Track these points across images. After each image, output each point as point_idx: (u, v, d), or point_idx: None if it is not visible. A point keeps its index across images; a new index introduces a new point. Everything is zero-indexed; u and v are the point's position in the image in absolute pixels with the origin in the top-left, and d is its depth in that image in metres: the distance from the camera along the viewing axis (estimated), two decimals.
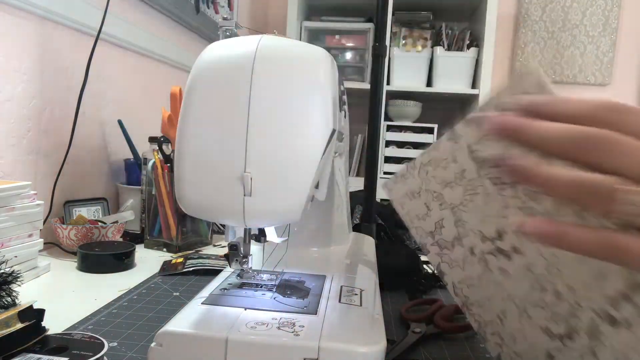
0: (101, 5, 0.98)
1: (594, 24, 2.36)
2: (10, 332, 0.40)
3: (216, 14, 1.63)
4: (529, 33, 2.39)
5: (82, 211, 0.93)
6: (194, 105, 0.41)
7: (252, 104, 0.39)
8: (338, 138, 0.47)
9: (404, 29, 2.16)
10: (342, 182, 0.64)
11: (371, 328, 0.41)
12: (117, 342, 0.48)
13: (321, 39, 2.21)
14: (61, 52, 0.94)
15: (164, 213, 0.88)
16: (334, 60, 0.45)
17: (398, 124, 2.17)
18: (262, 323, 0.40)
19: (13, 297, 0.54)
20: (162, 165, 0.88)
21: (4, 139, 0.81)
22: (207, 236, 0.94)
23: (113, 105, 1.13)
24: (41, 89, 0.89)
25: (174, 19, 1.42)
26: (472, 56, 2.08)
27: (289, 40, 0.43)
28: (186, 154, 0.41)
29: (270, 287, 0.49)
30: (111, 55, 1.11)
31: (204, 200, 0.41)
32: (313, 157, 0.40)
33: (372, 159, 0.87)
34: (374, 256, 0.67)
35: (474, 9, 2.24)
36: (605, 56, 2.37)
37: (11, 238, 0.66)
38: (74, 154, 0.98)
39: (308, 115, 0.40)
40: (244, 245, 0.47)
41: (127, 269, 0.76)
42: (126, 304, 0.60)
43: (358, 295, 0.48)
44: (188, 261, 0.76)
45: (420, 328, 0.54)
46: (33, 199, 0.70)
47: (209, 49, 0.43)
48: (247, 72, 0.40)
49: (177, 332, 0.38)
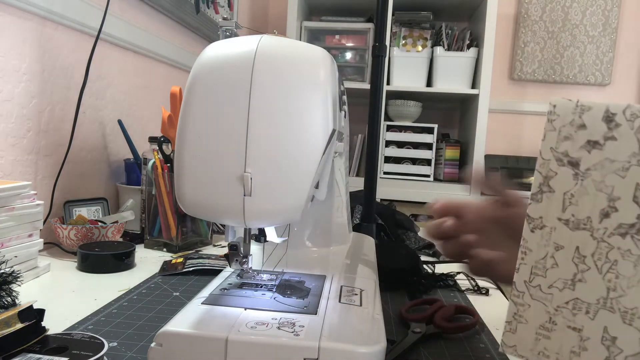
0: (101, 5, 0.98)
1: (594, 24, 2.36)
2: (10, 332, 0.40)
3: (216, 14, 1.63)
4: (529, 33, 2.39)
5: (82, 211, 0.93)
6: (194, 105, 0.41)
7: (252, 104, 0.39)
8: (338, 138, 0.47)
9: (404, 29, 2.16)
10: (342, 182, 0.64)
11: (371, 328, 0.41)
12: (117, 342, 0.48)
13: (321, 39, 2.21)
14: (61, 52, 0.94)
15: (164, 213, 0.88)
16: (334, 60, 0.45)
17: (398, 124, 2.17)
18: (262, 323, 0.40)
19: (13, 297, 0.55)
20: (162, 165, 0.88)
21: (4, 139, 0.81)
22: (207, 236, 0.94)
23: (113, 105, 1.13)
24: (41, 89, 0.89)
25: (174, 19, 1.42)
26: (472, 56, 2.08)
27: (289, 40, 0.43)
28: (186, 154, 0.41)
29: (270, 287, 0.49)
30: (111, 55, 1.11)
31: (204, 200, 0.41)
32: (313, 157, 0.40)
33: (372, 159, 0.87)
34: (374, 256, 0.67)
35: (474, 9, 2.24)
36: (605, 56, 2.37)
37: (11, 238, 0.66)
38: (74, 154, 0.98)
39: (308, 115, 0.40)
40: (244, 245, 0.47)
41: (127, 269, 0.76)
42: (126, 304, 0.60)
43: (358, 295, 0.48)
44: (188, 261, 0.76)
45: (420, 328, 0.54)
46: (33, 199, 0.70)
47: (209, 49, 0.43)
48: (247, 72, 0.40)
49: (177, 332, 0.38)
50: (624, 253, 0.30)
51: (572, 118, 0.34)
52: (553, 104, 0.35)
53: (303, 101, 0.40)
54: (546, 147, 0.35)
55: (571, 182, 0.33)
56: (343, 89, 0.57)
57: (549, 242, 0.34)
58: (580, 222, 0.33)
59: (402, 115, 2.22)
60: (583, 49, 2.37)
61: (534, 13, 2.38)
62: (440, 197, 2.03)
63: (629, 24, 2.37)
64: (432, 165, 2.14)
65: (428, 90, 2.12)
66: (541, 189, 0.35)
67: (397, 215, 1.03)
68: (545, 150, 0.35)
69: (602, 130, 0.32)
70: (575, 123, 0.34)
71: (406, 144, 2.17)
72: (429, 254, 0.93)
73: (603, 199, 0.32)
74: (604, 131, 0.32)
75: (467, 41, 2.11)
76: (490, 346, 0.52)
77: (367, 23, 2.18)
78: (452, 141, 2.24)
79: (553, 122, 0.35)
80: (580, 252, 0.32)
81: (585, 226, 0.32)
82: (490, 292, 0.71)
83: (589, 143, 0.33)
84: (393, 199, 2.04)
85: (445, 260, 0.87)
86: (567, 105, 0.34)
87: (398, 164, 2.16)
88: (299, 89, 0.40)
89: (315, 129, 0.40)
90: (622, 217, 0.30)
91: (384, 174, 2.15)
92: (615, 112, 0.32)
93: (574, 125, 0.34)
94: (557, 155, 0.34)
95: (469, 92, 2.08)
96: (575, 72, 2.38)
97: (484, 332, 0.56)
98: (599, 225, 0.32)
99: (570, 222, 0.33)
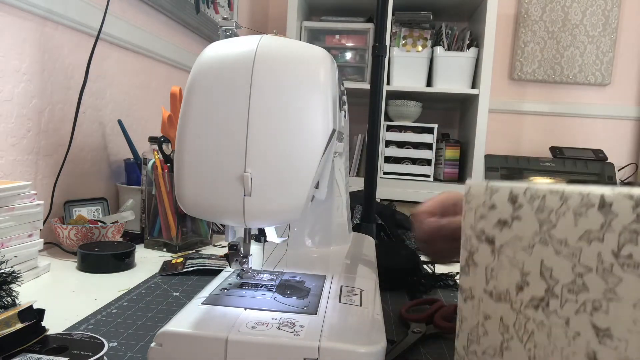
0: (101, 5, 0.98)
1: (594, 24, 2.36)
2: (10, 332, 0.40)
3: (216, 14, 1.63)
4: (529, 33, 2.39)
5: (82, 211, 0.93)
6: (194, 105, 0.41)
7: (252, 104, 0.39)
8: (338, 138, 0.47)
9: (404, 29, 2.16)
10: (342, 182, 0.64)
11: (371, 328, 0.41)
12: (117, 342, 0.48)
13: (321, 39, 2.21)
14: (61, 52, 0.94)
15: (164, 213, 0.88)
16: (334, 60, 0.45)
17: (398, 124, 2.17)
18: (262, 323, 0.40)
19: (13, 297, 0.55)
20: (162, 165, 0.88)
21: (4, 139, 0.81)
22: (207, 236, 0.94)
23: (113, 105, 1.13)
24: (41, 89, 0.89)
25: (174, 19, 1.42)
26: (472, 56, 2.08)
27: (289, 40, 0.43)
28: (186, 154, 0.41)
29: (270, 287, 0.49)
30: (111, 55, 1.11)
31: (204, 200, 0.41)
32: (313, 157, 0.40)
33: (372, 159, 0.87)
34: (374, 256, 0.67)
35: (474, 9, 2.24)
36: (605, 56, 2.37)
37: (11, 238, 0.66)
38: (74, 154, 0.98)
39: (308, 115, 0.40)
40: (244, 245, 0.47)
41: (127, 269, 0.76)
42: (126, 304, 0.60)
43: (358, 295, 0.48)
44: (188, 261, 0.76)
45: (420, 328, 0.54)
46: (33, 199, 0.70)
47: (209, 49, 0.43)
48: (247, 72, 0.40)
49: (177, 332, 0.38)
50: (538, 324, 0.31)
51: (484, 199, 0.36)
52: (468, 185, 0.38)
53: (303, 101, 0.40)
54: (467, 225, 0.38)
55: (490, 257, 0.36)
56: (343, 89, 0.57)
57: (479, 312, 0.36)
58: (501, 294, 0.34)
59: (402, 115, 2.22)
60: (583, 49, 2.37)
61: (534, 13, 2.38)
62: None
63: (629, 24, 2.37)
64: (432, 165, 2.14)
65: (428, 90, 2.12)
66: (467, 263, 0.38)
67: (397, 215, 1.03)
68: (466, 228, 0.38)
69: (509, 210, 0.34)
70: (487, 204, 0.36)
71: (406, 144, 2.17)
72: None
73: (517, 273, 0.33)
74: (510, 211, 0.34)
75: (467, 41, 2.11)
76: None
77: (367, 23, 2.18)
78: (452, 141, 2.24)
79: (469, 202, 0.38)
80: (504, 322, 0.34)
81: (505, 298, 0.34)
82: None
83: (499, 222, 0.35)
84: (393, 199, 2.04)
85: None
86: (480, 188, 0.37)
87: (398, 164, 2.16)
88: (299, 89, 0.40)
89: (315, 129, 0.40)
90: (533, 290, 0.32)
91: (384, 174, 2.15)
92: (517, 193, 0.34)
93: (486, 205, 0.36)
94: (477, 232, 0.37)
95: (469, 92, 2.08)
96: (575, 72, 2.38)
97: None
98: (515, 297, 0.33)
99: (494, 294, 0.35)
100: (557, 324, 0.30)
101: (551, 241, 0.30)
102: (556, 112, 2.43)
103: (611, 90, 2.41)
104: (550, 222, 0.31)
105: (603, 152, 2.18)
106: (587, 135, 2.43)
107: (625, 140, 2.43)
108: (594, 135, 2.43)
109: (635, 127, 2.42)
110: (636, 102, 2.41)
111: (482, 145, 2.07)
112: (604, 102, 2.42)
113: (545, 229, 0.31)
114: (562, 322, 0.29)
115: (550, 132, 2.45)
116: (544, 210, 0.31)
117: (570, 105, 2.42)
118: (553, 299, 0.30)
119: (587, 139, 2.43)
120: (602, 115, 2.41)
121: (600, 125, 2.43)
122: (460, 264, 0.39)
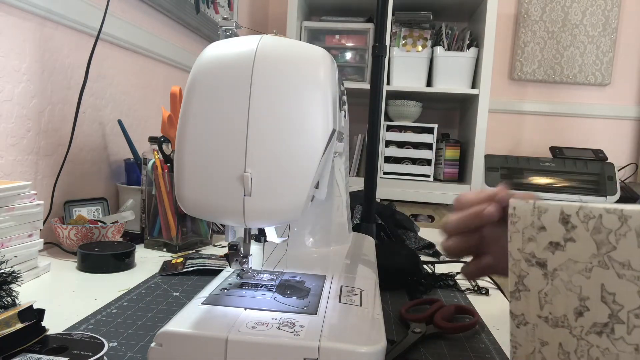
0: (101, 5, 0.98)
1: (594, 24, 2.36)
2: (10, 332, 0.40)
3: (216, 14, 1.63)
4: (529, 33, 2.39)
5: (82, 211, 0.93)
6: (194, 105, 0.41)
7: (252, 103, 0.39)
8: (338, 138, 0.47)
9: (404, 29, 2.16)
10: (342, 182, 0.64)
11: (371, 328, 0.41)
12: (117, 342, 0.48)
13: (321, 39, 2.21)
14: (61, 52, 0.94)
15: (164, 213, 0.88)
16: (333, 60, 0.45)
17: (398, 124, 2.17)
18: (262, 323, 0.40)
19: (13, 297, 0.55)
20: (162, 165, 0.88)
21: (4, 139, 0.81)
22: (207, 236, 0.94)
23: (113, 105, 1.13)
24: (41, 89, 0.89)
25: (174, 19, 1.42)
26: (472, 56, 2.08)
27: (289, 40, 0.43)
28: (186, 154, 0.41)
29: (270, 287, 0.49)
30: (111, 55, 1.11)
31: (204, 200, 0.41)
32: (313, 157, 0.40)
33: (372, 159, 0.87)
34: (374, 256, 0.67)
35: (474, 9, 2.24)
36: (605, 56, 2.37)
37: (11, 238, 0.66)
38: (74, 154, 0.98)
39: (308, 115, 0.40)
40: (244, 245, 0.47)
41: (127, 269, 0.76)
42: (126, 304, 0.60)
43: (358, 295, 0.48)
44: (188, 261, 0.76)
45: (420, 328, 0.54)
46: (33, 199, 0.70)
47: (209, 49, 0.43)
48: (247, 72, 0.40)
49: (177, 332, 0.38)
50: (604, 351, 0.30)
51: (531, 220, 0.35)
52: (513, 206, 0.36)
53: (303, 101, 0.40)
54: (514, 248, 0.36)
55: (542, 281, 0.34)
56: (343, 89, 0.57)
57: (534, 338, 0.35)
58: (558, 320, 0.33)
59: (402, 115, 2.22)
60: (583, 49, 2.37)
61: (534, 13, 2.38)
62: (440, 197, 2.03)
63: (629, 24, 2.37)
64: (432, 165, 2.14)
65: (428, 90, 2.12)
66: (517, 288, 0.36)
67: (397, 215, 1.03)
68: (513, 251, 0.36)
69: (561, 232, 0.33)
70: (536, 225, 0.34)
71: (406, 144, 2.17)
72: (429, 254, 0.93)
73: (574, 298, 0.32)
74: (563, 233, 0.32)
75: (467, 41, 2.11)
76: (490, 346, 0.52)
77: (367, 23, 2.18)
78: (452, 141, 2.24)
79: (515, 224, 0.36)
80: (563, 348, 0.33)
81: (563, 324, 0.33)
82: (490, 292, 0.71)
83: (551, 244, 0.33)
84: (393, 199, 2.04)
85: (445, 260, 0.87)
86: (526, 208, 0.35)
87: (398, 164, 2.16)
88: (298, 88, 0.40)
89: (315, 129, 0.40)
90: (594, 316, 0.31)
91: (384, 174, 2.15)
92: (569, 213, 0.32)
93: (535, 227, 0.34)
94: (525, 256, 0.35)
95: (469, 92, 2.08)
96: (575, 72, 2.38)
97: (484, 332, 0.56)
98: (575, 323, 0.32)
99: (550, 320, 0.34)
100: (625, 351, 0.29)
101: (612, 264, 0.29)
102: (556, 112, 2.43)
103: (611, 90, 2.41)
104: (609, 244, 0.29)
105: (603, 152, 2.18)
106: (587, 135, 2.43)
107: (625, 140, 2.43)
108: (593, 135, 2.43)
109: (635, 127, 2.42)
110: (636, 102, 2.41)
111: (482, 145, 2.07)
112: (603, 102, 2.42)
113: (603, 251, 0.30)
114: (631, 349, 0.28)
115: (550, 132, 2.45)
116: (602, 231, 0.30)
117: (570, 105, 2.42)
118: (619, 325, 0.29)
119: (587, 139, 2.43)
120: (602, 115, 2.41)
121: (600, 125, 2.43)
122: (509, 288, 0.37)
